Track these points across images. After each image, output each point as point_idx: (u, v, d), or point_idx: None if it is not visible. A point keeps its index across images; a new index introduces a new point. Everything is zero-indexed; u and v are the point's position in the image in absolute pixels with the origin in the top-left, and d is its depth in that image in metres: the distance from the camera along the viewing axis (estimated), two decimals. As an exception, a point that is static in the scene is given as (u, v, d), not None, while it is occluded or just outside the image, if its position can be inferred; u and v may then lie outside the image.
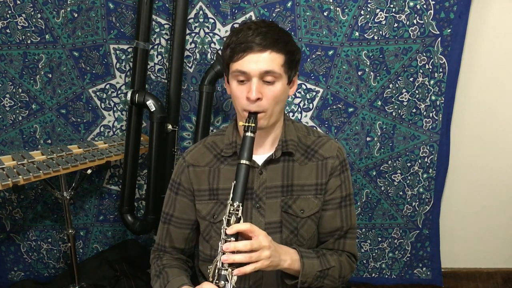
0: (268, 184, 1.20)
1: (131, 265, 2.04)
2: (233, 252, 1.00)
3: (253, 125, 1.08)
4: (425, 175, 2.05)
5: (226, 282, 1.00)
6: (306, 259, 1.14)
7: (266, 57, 1.07)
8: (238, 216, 1.03)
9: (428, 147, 2.01)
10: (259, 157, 1.21)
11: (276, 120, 1.17)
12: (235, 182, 1.05)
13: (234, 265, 1.01)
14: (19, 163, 1.63)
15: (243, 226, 1.01)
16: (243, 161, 1.06)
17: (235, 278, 1.00)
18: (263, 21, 1.13)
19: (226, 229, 1.02)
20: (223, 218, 1.04)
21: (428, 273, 2.18)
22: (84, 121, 2.00)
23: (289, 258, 1.11)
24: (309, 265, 1.14)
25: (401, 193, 2.08)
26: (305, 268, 1.12)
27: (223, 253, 1.00)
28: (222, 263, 1.00)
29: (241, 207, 1.04)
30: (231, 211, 1.03)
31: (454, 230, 2.18)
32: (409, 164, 2.04)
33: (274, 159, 1.20)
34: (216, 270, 1.02)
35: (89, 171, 1.81)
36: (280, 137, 1.21)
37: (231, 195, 1.05)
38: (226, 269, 1.00)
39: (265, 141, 1.21)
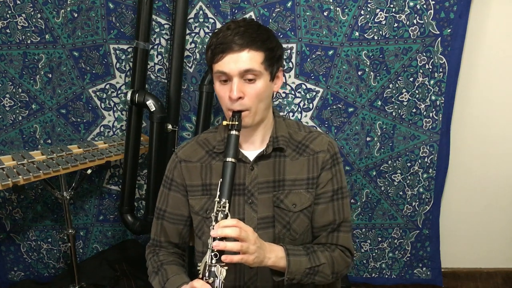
0: (259, 180, 1.21)
1: (131, 265, 2.04)
2: (222, 240, 1.00)
3: (236, 123, 1.10)
4: (425, 175, 2.05)
5: (216, 278, 1.01)
6: (292, 256, 1.14)
7: (245, 56, 1.09)
8: (225, 213, 1.04)
9: (428, 147, 2.01)
10: (250, 153, 1.22)
11: (262, 118, 1.18)
12: (221, 179, 1.07)
13: (223, 262, 1.01)
14: (19, 163, 1.63)
15: (229, 222, 1.02)
16: (228, 159, 1.08)
17: (223, 274, 1.01)
18: (244, 19, 1.15)
19: (213, 226, 1.03)
20: (211, 215, 1.06)
21: (428, 273, 2.18)
22: (84, 121, 2.00)
23: (273, 256, 1.11)
24: (296, 262, 1.14)
25: (401, 193, 2.08)
26: (291, 266, 1.13)
27: (213, 251, 1.01)
28: (211, 259, 1.01)
29: (227, 204, 1.05)
30: (218, 208, 1.05)
31: (454, 230, 2.18)
32: (409, 164, 2.04)
33: (265, 155, 1.21)
34: (206, 267, 1.03)
35: (89, 171, 1.81)
36: (271, 133, 1.23)
37: (218, 192, 1.07)
38: (215, 265, 1.01)
39: (254, 137, 1.22)
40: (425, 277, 2.19)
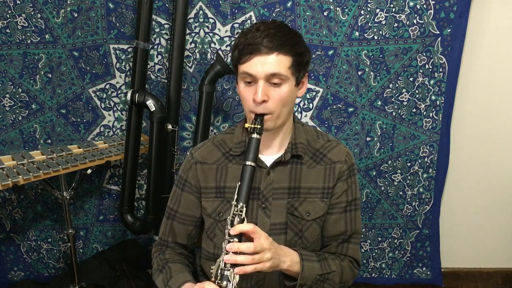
0: (275, 185, 1.20)
1: (131, 265, 2.04)
2: (236, 253, 1.00)
3: (258, 126, 1.09)
4: (425, 175, 2.05)
5: (228, 283, 1.00)
6: (306, 262, 1.14)
7: (272, 59, 1.07)
8: (242, 217, 1.04)
9: (428, 147, 2.01)
10: (268, 158, 1.21)
11: (283, 122, 1.17)
12: (240, 183, 1.06)
13: (236, 265, 1.01)
14: (19, 163, 1.63)
15: (246, 227, 1.02)
16: (248, 163, 1.07)
17: (237, 278, 1.00)
18: (273, 22, 1.13)
19: (229, 229, 1.03)
20: (227, 219, 1.05)
21: (428, 273, 2.18)
22: (84, 121, 2.00)
23: (288, 260, 1.11)
24: (309, 268, 1.14)
25: (401, 193, 2.08)
26: (304, 271, 1.13)
27: (227, 253, 1.01)
28: (225, 263, 1.01)
29: (245, 208, 1.04)
30: (235, 212, 1.04)
31: (454, 230, 2.18)
32: (409, 164, 2.04)
33: (283, 161, 1.20)
34: (219, 270, 1.02)
35: (89, 171, 1.81)
36: (290, 139, 1.21)
37: (235, 196, 1.06)
38: (229, 270, 1.01)
39: (273, 142, 1.21)
40: (425, 277, 2.19)
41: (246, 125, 1.12)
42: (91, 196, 2.10)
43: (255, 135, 1.09)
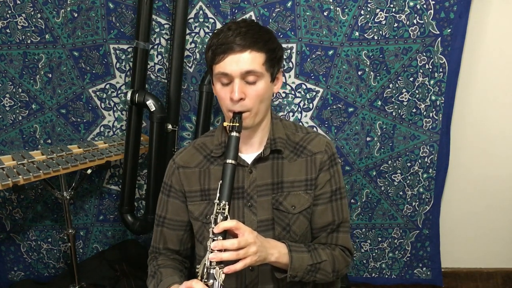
0: (258, 183, 1.21)
1: (131, 265, 2.04)
2: (220, 251, 1.01)
3: (237, 124, 1.10)
4: (425, 175, 2.05)
5: (214, 281, 1.01)
6: (295, 253, 1.15)
7: (246, 57, 1.08)
8: (225, 215, 1.04)
9: (428, 147, 2.01)
10: (248, 156, 1.22)
11: (262, 119, 1.18)
12: (221, 181, 1.07)
13: (222, 263, 1.02)
14: (19, 163, 1.63)
15: (229, 224, 1.03)
16: (228, 161, 1.08)
17: (223, 276, 1.01)
18: (244, 20, 1.15)
19: (213, 228, 1.03)
20: (211, 218, 1.06)
21: (428, 273, 2.18)
22: (84, 121, 2.00)
23: (276, 252, 1.12)
24: (298, 259, 1.14)
25: (401, 193, 2.08)
26: (293, 262, 1.13)
27: (212, 252, 1.01)
28: (211, 262, 1.01)
29: (227, 206, 1.05)
30: (218, 210, 1.05)
31: (454, 230, 2.18)
32: (409, 164, 2.04)
33: (263, 157, 1.21)
34: (205, 269, 1.03)
35: (89, 171, 1.81)
36: (268, 135, 1.22)
37: (217, 194, 1.07)
38: (214, 268, 1.01)
39: (252, 140, 1.22)
40: (425, 277, 2.19)
41: (225, 123, 1.13)
42: (91, 196, 2.10)
43: (234, 133, 1.10)
